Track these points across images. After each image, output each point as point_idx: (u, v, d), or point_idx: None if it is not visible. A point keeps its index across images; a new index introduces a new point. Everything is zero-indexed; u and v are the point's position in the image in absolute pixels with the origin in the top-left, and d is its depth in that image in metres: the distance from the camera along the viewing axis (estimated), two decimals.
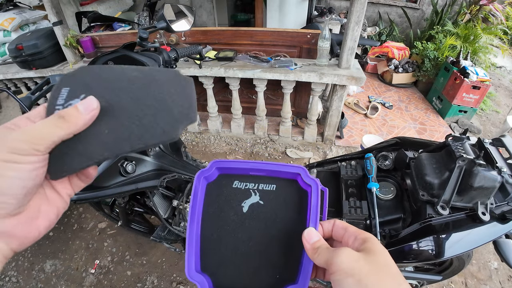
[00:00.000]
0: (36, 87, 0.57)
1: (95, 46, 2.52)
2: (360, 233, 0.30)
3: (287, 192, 0.39)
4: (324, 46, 2.00)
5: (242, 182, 0.41)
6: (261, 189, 0.40)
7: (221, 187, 0.41)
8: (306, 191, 0.38)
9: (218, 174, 0.41)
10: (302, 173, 0.38)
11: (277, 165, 0.40)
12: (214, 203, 0.40)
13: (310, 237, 0.32)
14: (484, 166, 0.65)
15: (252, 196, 0.40)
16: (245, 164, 0.40)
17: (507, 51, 4.01)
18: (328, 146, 2.52)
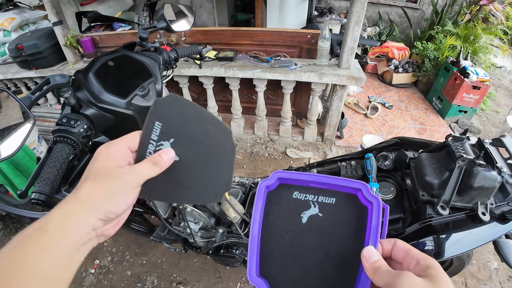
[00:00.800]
0: (36, 87, 0.57)
1: (95, 46, 2.52)
2: (424, 258, 0.29)
3: (347, 207, 0.39)
4: (324, 46, 2.00)
5: (301, 193, 0.41)
6: (321, 201, 0.40)
7: (281, 197, 0.42)
8: (366, 207, 0.38)
9: (278, 183, 0.42)
10: (364, 189, 0.38)
11: (338, 179, 0.40)
12: (274, 212, 0.41)
13: (370, 256, 0.32)
14: (484, 166, 0.65)
15: (312, 208, 0.40)
16: (306, 177, 0.41)
17: (507, 51, 4.01)
18: (328, 146, 2.52)
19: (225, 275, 1.62)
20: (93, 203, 0.28)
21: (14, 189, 1.71)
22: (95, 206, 0.28)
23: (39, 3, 3.16)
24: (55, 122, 0.60)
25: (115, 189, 0.29)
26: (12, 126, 0.57)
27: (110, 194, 0.29)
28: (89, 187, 0.29)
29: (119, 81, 0.74)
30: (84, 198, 0.28)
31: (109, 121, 0.68)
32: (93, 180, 0.29)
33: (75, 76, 0.67)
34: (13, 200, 0.64)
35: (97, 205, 0.29)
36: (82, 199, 0.28)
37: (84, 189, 0.29)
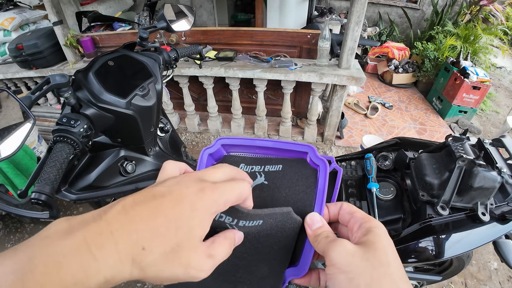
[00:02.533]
0: (36, 87, 0.57)
1: (95, 46, 2.52)
2: (366, 220, 0.27)
3: (294, 171, 0.36)
4: (324, 46, 2.00)
5: (247, 165, 0.38)
6: (267, 170, 0.37)
7: None
8: (315, 169, 0.36)
9: (224, 155, 0.39)
10: (310, 152, 0.36)
11: (284, 143, 0.37)
12: None
13: (313, 222, 0.30)
14: (484, 166, 0.65)
15: (258, 178, 0.37)
16: (250, 142, 0.38)
17: (507, 52, 4.01)
18: (328, 146, 2.52)
19: None
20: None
21: (14, 189, 1.71)
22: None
23: (39, 2, 3.16)
24: (55, 122, 0.60)
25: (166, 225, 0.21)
26: (12, 125, 0.57)
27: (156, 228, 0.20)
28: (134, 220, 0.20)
29: (119, 81, 0.74)
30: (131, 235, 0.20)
31: (109, 121, 0.68)
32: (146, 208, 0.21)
33: (75, 76, 0.67)
34: (13, 199, 0.64)
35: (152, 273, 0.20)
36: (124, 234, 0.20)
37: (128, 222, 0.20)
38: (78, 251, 0.17)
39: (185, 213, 0.21)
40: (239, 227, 0.29)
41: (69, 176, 0.69)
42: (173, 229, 0.20)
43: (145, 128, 0.78)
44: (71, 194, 0.68)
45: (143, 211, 0.20)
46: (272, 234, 0.31)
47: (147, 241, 0.19)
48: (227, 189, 0.24)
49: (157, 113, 0.82)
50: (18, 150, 0.53)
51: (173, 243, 0.20)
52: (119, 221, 0.19)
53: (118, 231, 0.19)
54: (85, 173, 0.72)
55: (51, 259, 0.17)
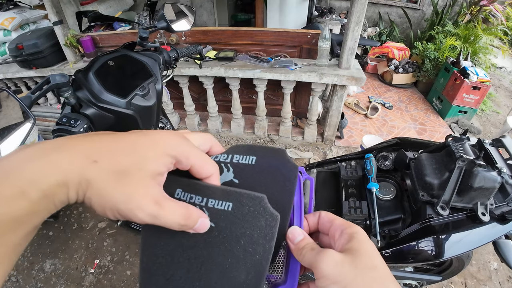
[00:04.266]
0: (36, 87, 0.57)
1: (95, 45, 2.52)
2: (347, 226, 0.27)
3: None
4: (324, 46, 2.00)
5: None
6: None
7: None
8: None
9: None
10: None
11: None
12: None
13: (294, 236, 0.29)
14: (484, 166, 0.65)
15: (224, 172, 0.30)
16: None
17: (507, 52, 4.01)
18: (328, 146, 2.52)
19: None
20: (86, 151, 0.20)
21: None
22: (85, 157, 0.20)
23: (39, 2, 3.16)
24: (55, 121, 0.60)
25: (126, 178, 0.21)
26: (12, 125, 0.58)
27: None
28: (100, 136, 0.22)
29: (119, 81, 0.74)
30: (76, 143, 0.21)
31: (109, 121, 0.68)
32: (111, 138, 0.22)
33: (75, 76, 0.67)
34: None
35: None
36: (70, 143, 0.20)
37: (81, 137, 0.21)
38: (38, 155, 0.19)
39: (145, 143, 0.22)
40: (208, 209, 0.26)
41: None
42: (128, 151, 0.21)
43: (145, 127, 0.78)
44: None
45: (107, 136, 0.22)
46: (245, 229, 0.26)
47: (101, 156, 0.20)
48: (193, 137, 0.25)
49: (157, 113, 0.82)
50: None
51: (124, 165, 0.21)
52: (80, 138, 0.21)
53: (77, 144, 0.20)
54: None
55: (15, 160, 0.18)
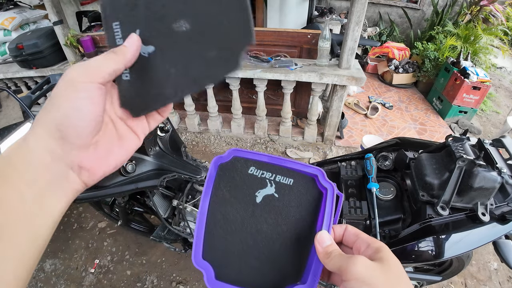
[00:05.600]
0: (37, 87, 0.57)
1: (96, 45, 2.52)
2: (373, 241, 0.30)
3: (303, 190, 0.38)
4: (324, 46, 2.00)
5: (258, 169, 0.38)
6: (278, 181, 0.38)
7: (236, 170, 0.39)
8: (322, 192, 0.37)
9: (234, 157, 0.39)
10: (320, 175, 0.37)
11: (295, 163, 0.38)
12: (225, 187, 0.38)
13: (323, 240, 0.32)
14: (484, 166, 0.65)
15: (268, 186, 0.38)
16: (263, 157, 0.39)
17: (507, 52, 4.01)
18: (328, 146, 2.52)
19: None
20: (42, 119, 0.23)
21: None
22: (44, 122, 0.22)
23: (39, 2, 3.16)
24: None
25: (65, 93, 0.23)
26: (12, 125, 0.58)
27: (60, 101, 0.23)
28: (42, 109, 0.23)
29: None
30: (35, 121, 0.23)
31: None
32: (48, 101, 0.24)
33: None
34: None
35: (46, 119, 0.23)
36: (34, 124, 0.23)
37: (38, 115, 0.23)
38: None
39: None
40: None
41: None
42: None
43: None
44: None
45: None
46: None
47: None
48: None
49: None
50: None
51: None
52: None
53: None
54: None
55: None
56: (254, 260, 0.35)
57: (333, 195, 0.36)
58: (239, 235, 0.36)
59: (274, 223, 0.36)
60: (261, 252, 0.35)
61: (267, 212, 0.36)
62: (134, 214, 1.31)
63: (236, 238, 0.36)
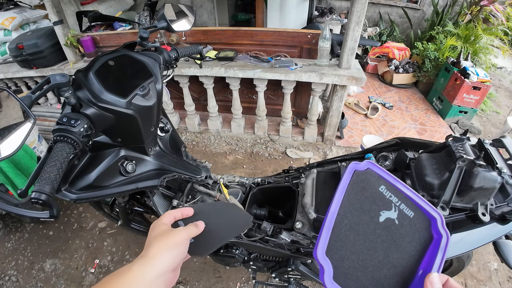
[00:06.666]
0: (37, 87, 0.56)
1: (96, 45, 2.52)
2: None
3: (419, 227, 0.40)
4: (324, 46, 1.99)
5: (388, 191, 0.42)
6: (402, 209, 0.41)
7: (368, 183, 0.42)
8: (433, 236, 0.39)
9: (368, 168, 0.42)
10: (439, 220, 0.39)
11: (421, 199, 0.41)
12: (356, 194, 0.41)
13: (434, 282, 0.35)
14: (484, 167, 0.65)
15: (392, 210, 0.40)
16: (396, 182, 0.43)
17: (507, 52, 4.01)
18: (328, 146, 2.52)
19: (225, 275, 1.62)
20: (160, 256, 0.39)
21: (15, 188, 1.71)
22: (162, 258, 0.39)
23: (39, 2, 3.16)
24: (55, 121, 0.60)
25: (173, 242, 0.41)
26: (12, 125, 0.57)
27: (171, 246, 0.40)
28: (155, 245, 0.40)
29: (120, 81, 0.74)
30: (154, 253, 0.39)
31: (109, 121, 0.68)
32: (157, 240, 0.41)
33: (76, 76, 0.67)
34: (13, 199, 0.64)
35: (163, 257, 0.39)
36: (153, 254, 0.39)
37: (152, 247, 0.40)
38: None
39: None
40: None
41: (69, 175, 0.69)
42: None
43: (145, 127, 0.78)
44: (71, 193, 0.68)
45: None
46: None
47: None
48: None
49: (157, 112, 0.82)
50: (18, 150, 0.53)
51: None
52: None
53: None
54: (85, 172, 0.72)
55: None
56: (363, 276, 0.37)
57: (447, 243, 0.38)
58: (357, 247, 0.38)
59: (387, 248, 0.38)
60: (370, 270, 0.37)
61: (385, 235, 0.39)
62: (134, 214, 1.31)
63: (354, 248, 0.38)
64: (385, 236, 0.39)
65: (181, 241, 0.41)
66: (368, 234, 0.39)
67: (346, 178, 0.41)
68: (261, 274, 1.59)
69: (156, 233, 0.42)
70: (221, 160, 2.47)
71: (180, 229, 0.43)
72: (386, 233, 0.39)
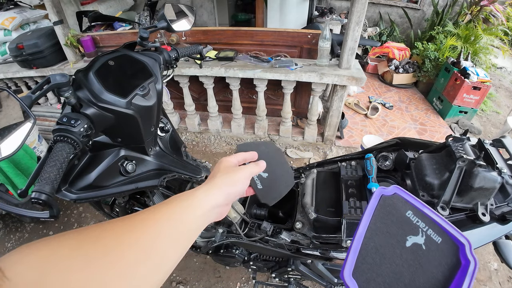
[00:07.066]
0: (37, 86, 0.56)
1: (96, 45, 2.52)
2: None
3: (446, 253, 0.40)
4: (324, 46, 1.99)
5: (415, 216, 0.42)
6: (429, 234, 0.41)
7: (395, 208, 0.43)
8: (461, 262, 0.40)
9: (395, 193, 0.43)
10: (466, 247, 0.40)
11: (449, 225, 0.41)
12: (382, 218, 0.42)
13: None
14: (484, 167, 0.65)
15: (419, 236, 0.41)
16: (423, 207, 0.43)
17: (507, 52, 4.01)
18: (328, 146, 2.52)
19: (224, 275, 1.62)
20: (223, 187, 0.42)
21: (15, 188, 1.71)
22: (224, 189, 0.42)
23: (39, 2, 3.16)
24: (55, 121, 0.60)
25: (237, 177, 0.44)
26: (12, 125, 0.57)
27: (234, 181, 0.44)
28: (221, 176, 0.44)
29: (120, 81, 0.74)
30: (219, 182, 0.43)
31: (109, 121, 0.68)
32: (223, 172, 0.44)
33: (76, 76, 0.67)
34: (13, 199, 0.64)
35: (225, 188, 0.42)
36: (217, 183, 0.42)
37: (218, 178, 0.43)
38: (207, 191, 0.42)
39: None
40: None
41: (69, 175, 0.69)
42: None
43: (145, 127, 0.78)
44: (71, 193, 0.68)
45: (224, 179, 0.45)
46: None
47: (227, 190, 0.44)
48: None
49: (157, 112, 0.82)
50: (18, 150, 0.53)
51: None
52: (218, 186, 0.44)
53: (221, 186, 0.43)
54: (85, 172, 0.72)
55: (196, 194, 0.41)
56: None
57: (475, 270, 0.38)
58: (383, 270, 0.38)
59: (413, 272, 0.38)
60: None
61: (412, 259, 0.39)
62: None
63: (381, 271, 0.38)
64: (411, 260, 0.39)
65: (243, 178, 0.45)
66: (395, 258, 0.39)
67: (373, 203, 0.42)
68: (261, 274, 1.59)
69: (223, 167, 0.46)
70: None
71: (243, 167, 0.47)
72: (413, 258, 0.39)
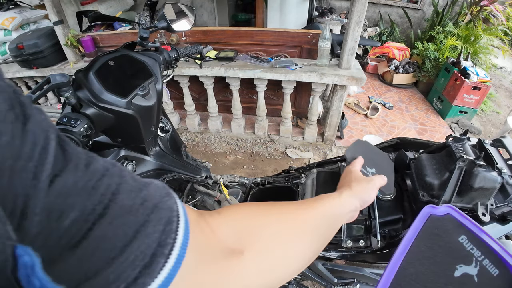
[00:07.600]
0: (37, 87, 0.56)
1: (96, 45, 2.52)
2: None
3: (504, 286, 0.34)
4: (324, 47, 1.99)
5: (469, 242, 0.36)
6: (484, 265, 0.34)
7: (445, 231, 0.37)
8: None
9: (447, 213, 0.38)
10: None
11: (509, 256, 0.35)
12: (428, 241, 0.37)
13: None
14: (484, 167, 0.65)
15: (472, 266, 0.35)
16: (480, 232, 0.37)
17: (507, 52, 4.01)
18: (328, 146, 2.52)
19: None
20: (359, 194, 0.48)
21: None
22: (360, 196, 0.48)
23: (39, 2, 3.16)
24: (55, 121, 0.60)
25: (370, 188, 0.51)
26: None
27: (367, 190, 0.50)
28: (356, 185, 0.49)
29: (120, 81, 0.74)
30: (356, 191, 0.48)
31: (109, 121, 0.68)
32: (357, 182, 0.51)
33: (76, 76, 0.67)
34: None
35: (361, 195, 0.48)
36: (355, 191, 0.48)
37: (354, 186, 0.49)
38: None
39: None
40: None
41: None
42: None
43: (145, 127, 0.78)
44: None
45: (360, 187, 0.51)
46: None
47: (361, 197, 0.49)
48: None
49: (157, 112, 0.82)
50: None
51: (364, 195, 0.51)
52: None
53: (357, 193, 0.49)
54: None
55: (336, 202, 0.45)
56: None
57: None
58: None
59: None
60: None
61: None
62: None
63: None
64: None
65: (375, 188, 0.52)
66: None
67: (418, 222, 0.38)
68: None
69: (354, 177, 0.52)
70: (221, 160, 2.47)
71: (372, 179, 0.53)
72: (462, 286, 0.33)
